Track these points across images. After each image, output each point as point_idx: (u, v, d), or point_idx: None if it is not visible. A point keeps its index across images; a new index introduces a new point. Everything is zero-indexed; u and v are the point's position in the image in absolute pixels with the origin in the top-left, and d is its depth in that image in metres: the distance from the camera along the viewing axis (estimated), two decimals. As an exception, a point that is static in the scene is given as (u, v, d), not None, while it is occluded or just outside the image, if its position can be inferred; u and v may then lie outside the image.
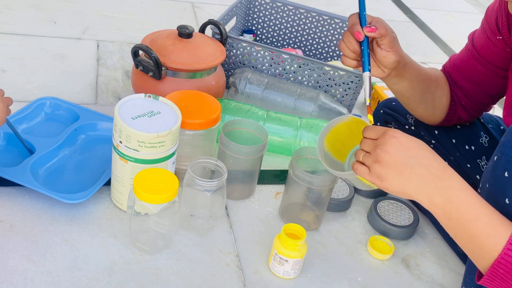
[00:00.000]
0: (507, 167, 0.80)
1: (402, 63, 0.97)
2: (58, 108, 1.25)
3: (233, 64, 1.50)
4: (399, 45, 0.96)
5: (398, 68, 0.98)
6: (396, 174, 0.77)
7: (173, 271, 0.96)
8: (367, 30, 0.91)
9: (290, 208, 1.13)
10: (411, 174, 0.77)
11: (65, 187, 1.06)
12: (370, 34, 0.91)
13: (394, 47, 0.94)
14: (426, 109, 1.13)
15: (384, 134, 0.79)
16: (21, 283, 0.89)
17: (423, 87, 1.08)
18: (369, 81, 0.91)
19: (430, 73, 1.10)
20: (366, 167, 0.80)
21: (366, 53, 0.92)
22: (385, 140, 0.78)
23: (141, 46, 1.21)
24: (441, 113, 1.14)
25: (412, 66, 1.03)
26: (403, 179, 0.77)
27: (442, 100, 1.12)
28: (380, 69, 0.97)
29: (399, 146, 0.77)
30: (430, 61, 2.03)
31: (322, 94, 1.41)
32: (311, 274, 1.02)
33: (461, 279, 1.00)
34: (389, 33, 0.93)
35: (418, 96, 1.08)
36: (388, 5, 2.51)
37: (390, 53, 0.94)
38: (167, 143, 0.97)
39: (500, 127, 1.17)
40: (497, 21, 1.01)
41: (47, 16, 1.73)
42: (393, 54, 0.94)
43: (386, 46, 0.94)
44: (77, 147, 1.17)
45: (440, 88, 1.11)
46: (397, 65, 0.97)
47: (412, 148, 0.77)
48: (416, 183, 0.77)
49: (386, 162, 0.77)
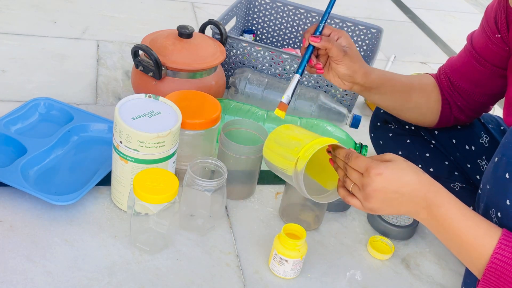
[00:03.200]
0: (508, 169, 0.80)
1: (358, 78, 1.01)
2: (52, 109, 1.25)
3: (233, 64, 1.50)
4: (352, 60, 0.99)
5: (359, 83, 1.02)
6: (386, 206, 0.83)
7: (173, 271, 0.96)
8: (310, 39, 0.97)
9: (290, 208, 1.13)
10: (400, 203, 0.82)
11: (56, 188, 1.05)
12: (312, 43, 0.97)
13: (343, 61, 0.98)
14: (413, 116, 1.15)
15: (369, 172, 0.82)
16: (21, 283, 0.89)
17: (403, 98, 1.10)
18: (296, 83, 0.98)
19: (411, 82, 1.12)
20: (358, 200, 0.85)
21: (305, 59, 0.99)
22: (371, 180, 0.81)
23: (141, 46, 1.21)
24: (433, 117, 1.14)
25: (381, 81, 1.06)
26: (393, 208, 0.83)
27: (430, 106, 1.12)
28: (340, 80, 1.02)
29: (386, 183, 0.81)
30: (430, 61, 2.03)
31: (322, 94, 1.41)
32: (311, 274, 1.02)
33: (461, 279, 1.01)
34: (334, 46, 0.97)
35: (399, 106, 1.12)
36: (388, 5, 2.51)
37: (339, 66, 0.99)
38: (167, 143, 0.97)
39: (501, 127, 1.17)
40: (496, 19, 1.01)
41: (47, 16, 1.73)
42: (342, 67, 0.99)
43: (333, 59, 0.99)
44: (69, 148, 1.16)
45: (425, 95, 1.12)
46: (352, 79, 1.01)
47: (397, 180, 0.81)
48: (404, 208, 0.83)
49: (376, 199, 0.82)
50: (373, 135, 1.29)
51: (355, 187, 0.85)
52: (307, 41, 0.98)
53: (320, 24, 0.98)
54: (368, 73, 1.03)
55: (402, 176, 0.81)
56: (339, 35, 0.99)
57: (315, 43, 0.97)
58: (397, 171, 0.81)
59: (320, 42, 0.97)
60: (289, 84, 0.99)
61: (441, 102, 1.12)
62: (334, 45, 0.97)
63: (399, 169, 0.82)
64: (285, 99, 0.98)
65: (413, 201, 0.81)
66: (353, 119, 1.38)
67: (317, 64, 1.00)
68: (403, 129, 1.24)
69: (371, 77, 1.03)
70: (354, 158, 0.84)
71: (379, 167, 0.81)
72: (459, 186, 1.15)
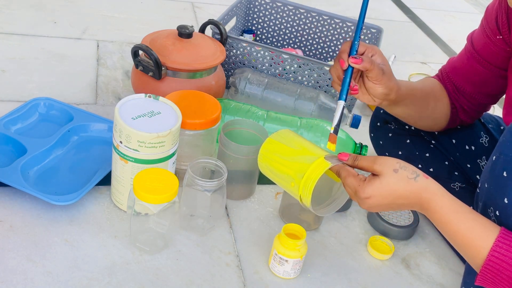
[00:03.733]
0: (505, 167, 0.80)
1: (392, 94, 0.97)
2: (52, 109, 1.25)
3: (233, 64, 1.50)
4: (389, 77, 0.95)
5: (389, 99, 0.97)
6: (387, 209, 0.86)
7: (173, 271, 0.96)
8: (351, 60, 0.91)
9: (290, 208, 1.13)
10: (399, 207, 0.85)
11: (56, 188, 1.05)
12: (354, 65, 0.91)
13: (382, 81, 0.93)
14: (426, 123, 1.14)
15: (358, 195, 0.84)
16: (21, 283, 0.89)
17: (421, 108, 1.08)
18: (342, 110, 0.91)
19: (427, 90, 1.10)
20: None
21: (347, 83, 0.92)
22: (362, 201, 0.84)
23: (141, 46, 1.21)
24: (443, 122, 1.14)
25: (407, 92, 1.02)
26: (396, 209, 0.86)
27: (442, 112, 1.12)
28: (370, 97, 0.97)
29: (377, 201, 0.83)
30: (430, 61, 2.03)
31: (322, 94, 1.41)
32: (311, 274, 1.02)
33: (461, 279, 1.01)
34: (376, 66, 0.92)
35: (417, 116, 1.10)
36: (388, 5, 2.51)
37: (376, 85, 0.94)
38: (167, 143, 0.97)
39: (500, 127, 1.17)
40: (497, 20, 1.01)
41: (47, 16, 1.73)
42: (380, 87, 0.94)
43: (372, 79, 0.93)
44: (69, 148, 1.16)
45: (439, 101, 1.11)
46: (386, 97, 0.96)
47: (388, 196, 0.82)
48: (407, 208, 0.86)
49: (374, 210, 0.86)
50: (373, 135, 1.29)
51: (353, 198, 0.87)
52: (346, 62, 0.91)
53: (354, 41, 0.92)
54: (400, 89, 0.98)
55: (393, 191, 0.82)
56: (373, 52, 0.94)
57: (357, 65, 0.90)
58: (386, 188, 0.82)
59: (361, 64, 0.90)
60: (335, 113, 0.91)
61: (449, 107, 1.12)
62: (375, 65, 0.92)
63: (388, 186, 0.82)
64: (334, 130, 0.91)
65: (410, 207, 0.84)
66: (353, 119, 1.38)
67: (355, 86, 0.94)
68: (403, 129, 1.24)
69: (401, 92, 0.99)
70: (343, 178, 0.86)
71: (366, 190, 0.82)
72: (459, 186, 1.15)
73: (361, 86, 0.96)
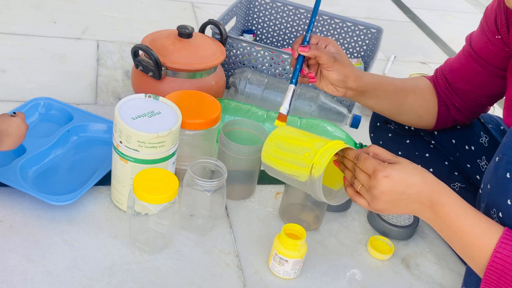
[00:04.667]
0: (508, 168, 0.80)
1: (350, 82, 1.02)
2: (52, 109, 1.25)
3: (233, 64, 1.50)
4: (343, 64, 1.01)
5: (352, 88, 1.03)
6: (393, 207, 0.85)
7: (173, 271, 0.96)
8: (299, 49, 1.00)
9: (290, 208, 1.13)
10: (406, 204, 0.84)
11: (55, 188, 1.05)
12: (302, 52, 1.00)
13: (334, 67, 1.00)
14: (410, 118, 1.15)
15: (376, 175, 0.83)
16: (21, 283, 0.89)
17: (397, 101, 1.11)
18: (292, 93, 1.00)
19: (404, 85, 1.12)
20: (365, 200, 0.87)
21: (297, 69, 1.01)
22: (378, 182, 0.83)
23: (141, 46, 1.21)
24: (430, 119, 1.14)
25: (373, 84, 1.06)
26: (399, 209, 0.85)
27: (427, 109, 1.13)
28: (333, 87, 1.03)
29: (392, 185, 0.83)
30: (430, 61, 2.03)
31: (322, 94, 1.41)
32: (311, 274, 1.02)
33: (461, 279, 1.00)
34: (324, 53, 0.99)
35: (394, 109, 1.12)
36: (388, 5, 2.51)
37: (330, 72, 1.01)
38: (167, 143, 0.97)
39: (500, 127, 1.17)
40: (496, 20, 1.01)
41: (47, 16, 1.73)
42: (334, 73, 1.01)
43: (324, 66, 1.00)
44: (69, 148, 1.16)
45: (421, 97, 1.12)
46: (344, 84, 1.02)
47: (403, 181, 0.82)
48: (410, 208, 0.84)
49: (382, 200, 0.84)
50: (373, 135, 1.29)
51: (362, 188, 0.86)
52: (296, 52, 1.00)
53: (306, 34, 1.01)
54: (360, 77, 1.04)
55: (408, 178, 0.82)
56: (327, 42, 1.01)
57: (304, 52, 0.99)
58: (403, 173, 0.82)
59: (309, 51, 0.99)
60: (285, 95, 1.00)
61: (437, 104, 1.12)
62: (323, 52, 0.99)
63: (405, 171, 0.83)
64: (283, 110, 1.00)
65: (418, 201, 0.83)
66: (353, 119, 1.38)
67: (309, 73, 1.02)
68: (403, 130, 1.24)
69: (363, 81, 1.04)
70: (363, 159, 0.85)
71: (386, 169, 0.82)
72: (459, 186, 1.15)
73: (320, 76, 1.03)
